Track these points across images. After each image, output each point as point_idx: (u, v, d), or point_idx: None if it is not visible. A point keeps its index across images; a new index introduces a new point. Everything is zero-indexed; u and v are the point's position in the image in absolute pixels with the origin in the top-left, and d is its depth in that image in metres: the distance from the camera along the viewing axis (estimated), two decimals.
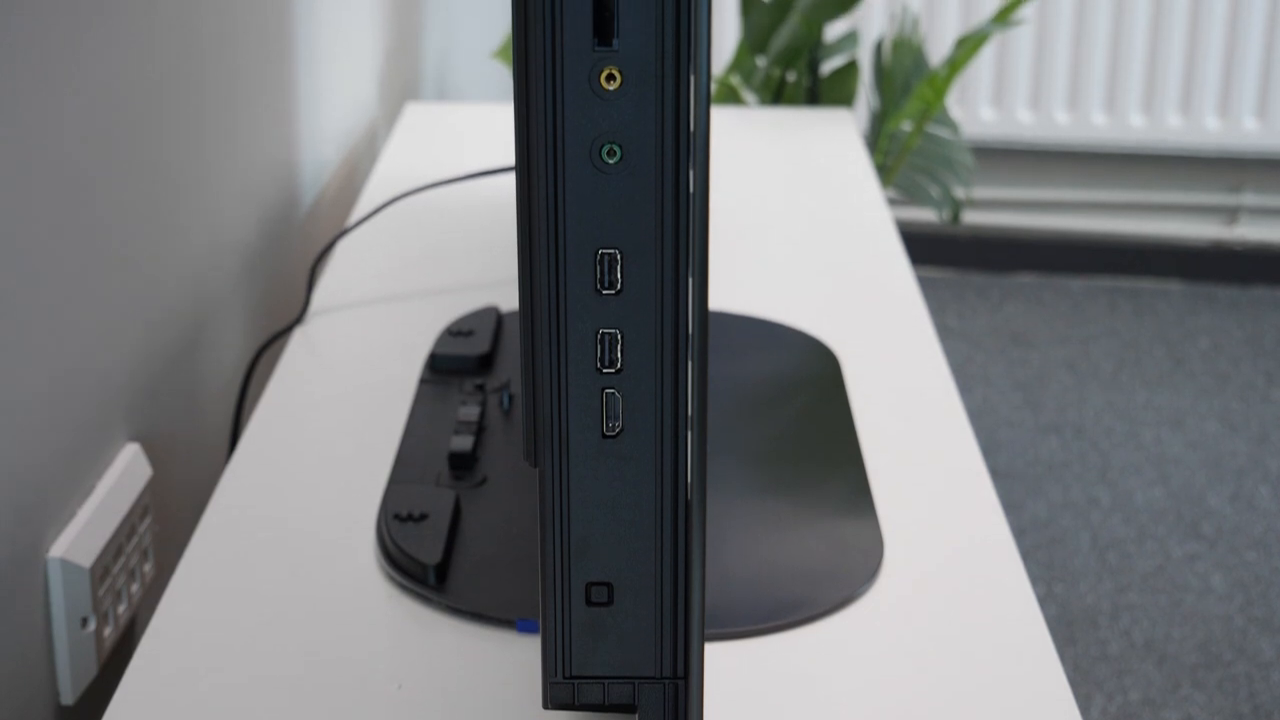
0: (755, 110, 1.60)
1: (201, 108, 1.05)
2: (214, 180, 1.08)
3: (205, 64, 1.05)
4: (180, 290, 1.02)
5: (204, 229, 1.07)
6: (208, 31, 1.05)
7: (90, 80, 0.85)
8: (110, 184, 0.89)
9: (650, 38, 0.50)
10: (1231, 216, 3.18)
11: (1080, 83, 3.04)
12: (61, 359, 0.83)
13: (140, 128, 0.93)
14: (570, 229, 0.52)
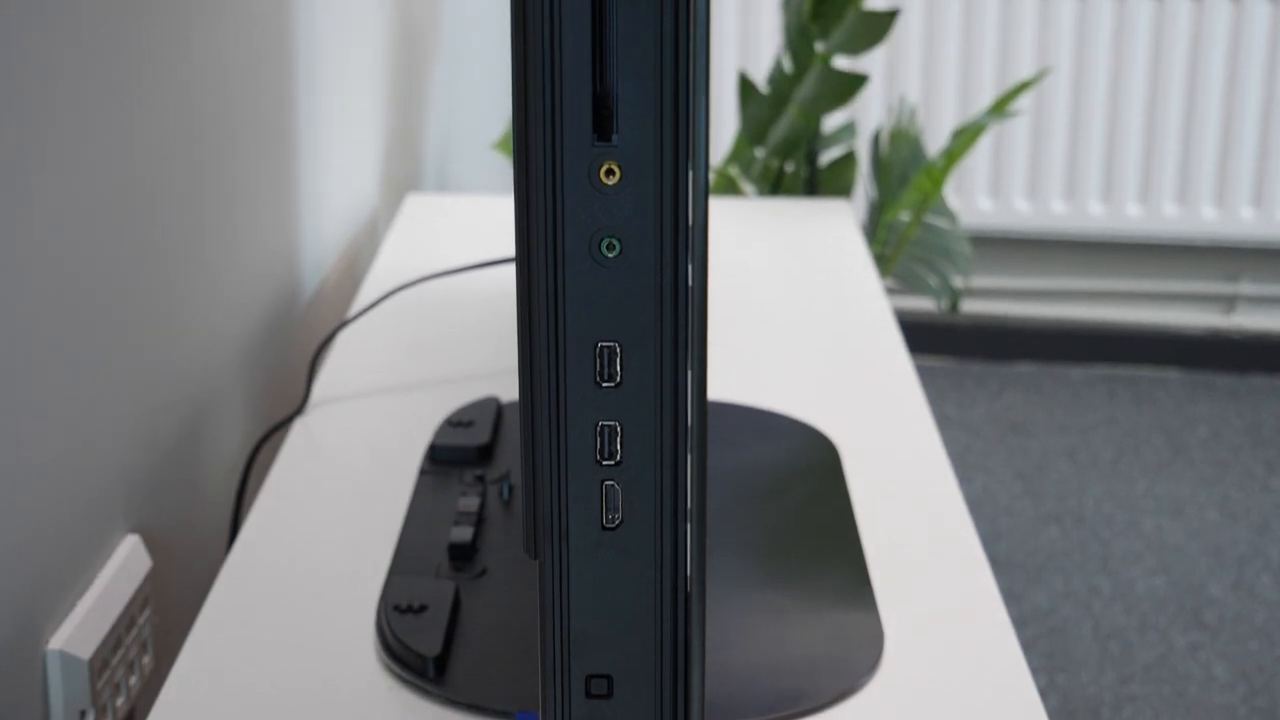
0: (754, 201, 1.61)
1: (202, 197, 1.06)
2: (215, 271, 1.09)
3: (206, 154, 1.06)
4: (180, 381, 1.02)
5: (204, 319, 1.07)
6: (209, 121, 1.06)
7: (91, 169, 0.86)
8: (110, 274, 0.89)
9: (649, 133, 0.50)
10: (1229, 305, 3.19)
11: (1077, 173, 3.06)
12: (61, 450, 0.83)
13: (141, 218, 0.94)
14: (570, 322, 0.52)
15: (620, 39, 0.50)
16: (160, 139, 0.96)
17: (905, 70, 3.04)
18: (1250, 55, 2.99)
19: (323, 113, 1.38)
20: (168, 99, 0.97)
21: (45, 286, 0.80)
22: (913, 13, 3.02)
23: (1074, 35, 3.02)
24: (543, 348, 0.52)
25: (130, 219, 0.92)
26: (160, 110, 0.96)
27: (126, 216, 0.91)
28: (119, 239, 0.90)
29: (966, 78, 3.04)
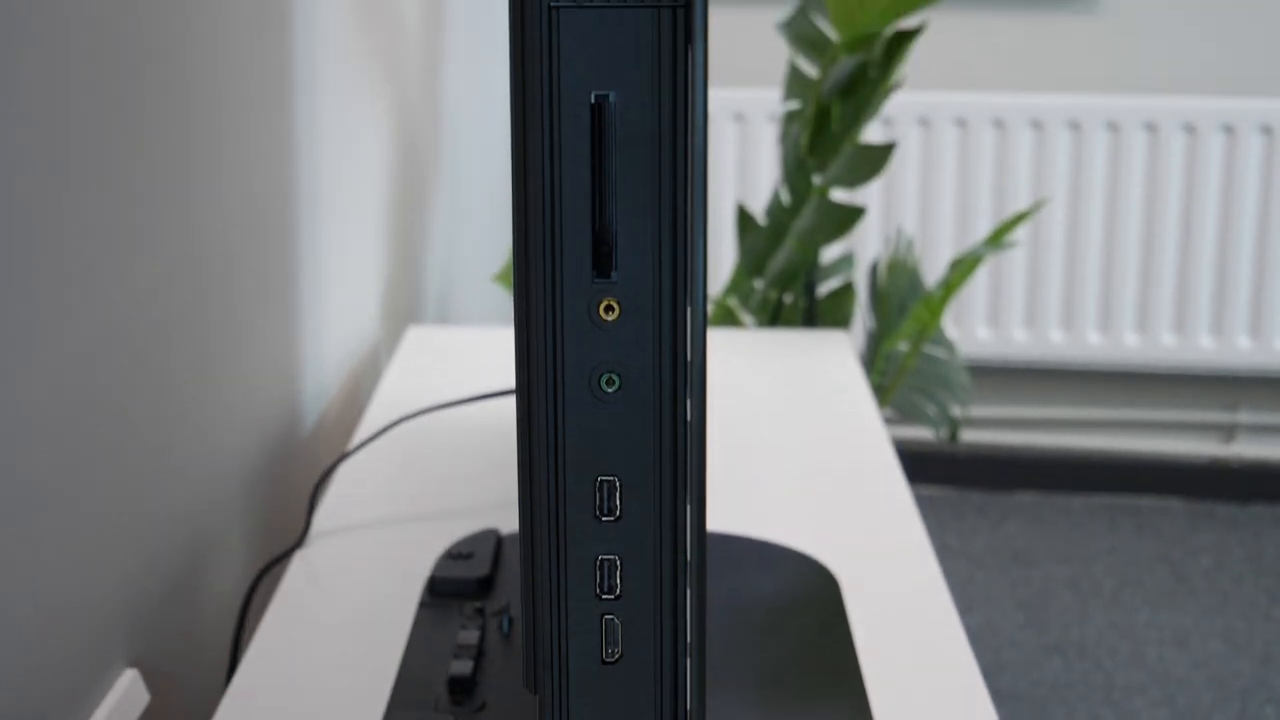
0: (753, 332, 1.62)
1: (204, 328, 1.06)
2: (215, 402, 1.10)
3: (208, 285, 1.07)
4: (180, 513, 1.02)
5: (205, 451, 1.07)
6: (211, 252, 1.07)
7: (92, 301, 0.87)
8: (111, 405, 0.90)
9: (648, 271, 0.51)
10: (1228, 434, 3.20)
11: (1074, 303, 3.08)
12: (59, 582, 0.83)
13: (142, 349, 0.94)
14: (570, 456, 0.52)
15: (619, 177, 0.51)
16: (162, 270, 0.97)
17: (902, 202, 3.07)
18: (1244, 185, 3.02)
19: (324, 244, 1.40)
20: (170, 230, 0.98)
21: (47, 419, 0.80)
22: (909, 145, 3.05)
23: (1069, 167, 3.05)
24: (543, 481, 0.53)
25: (132, 350, 0.92)
26: (162, 241, 0.97)
27: (128, 348, 0.92)
28: (120, 371, 0.91)
29: (963, 209, 3.07)
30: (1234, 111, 3.00)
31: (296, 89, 1.28)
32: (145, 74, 0.93)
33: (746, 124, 3.08)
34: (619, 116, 0.50)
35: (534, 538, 0.53)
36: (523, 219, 0.52)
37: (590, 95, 0.51)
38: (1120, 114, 3.02)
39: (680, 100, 0.51)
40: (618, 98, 0.51)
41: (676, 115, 0.51)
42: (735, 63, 3.09)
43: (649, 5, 0.51)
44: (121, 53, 0.89)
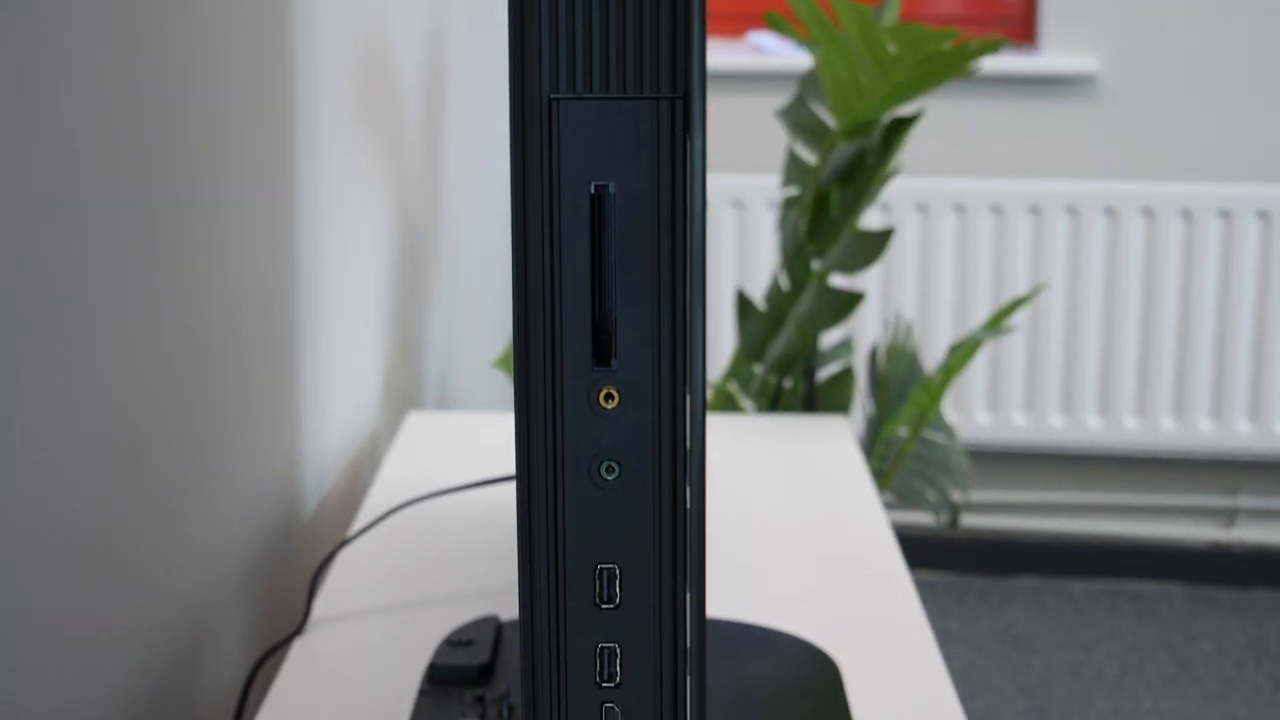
0: (753, 418, 1.62)
1: (204, 413, 1.07)
2: (215, 488, 1.10)
3: (208, 369, 1.07)
4: (179, 599, 1.02)
5: (204, 536, 1.07)
6: (212, 337, 1.08)
7: (92, 386, 0.87)
8: (110, 490, 0.90)
9: (647, 359, 0.51)
10: (1229, 519, 3.19)
11: (1074, 387, 3.09)
12: (59, 670, 0.83)
13: (142, 434, 0.95)
14: (570, 544, 0.53)
15: (619, 266, 0.51)
16: (161, 355, 0.98)
17: (901, 287, 3.08)
18: (1242, 270, 3.03)
19: (325, 329, 1.40)
20: (172, 315, 0.99)
21: (45, 504, 0.81)
22: (908, 231, 3.07)
23: (1067, 252, 3.06)
24: (543, 568, 0.53)
25: (131, 435, 0.93)
26: (164, 327, 0.98)
27: (127, 432, 0.92)
28: (119, 455, 0.91)
29: (962, 294, 3.08)
30: (1231, 197, 3.02)
31: (298, 174, 1.29)
32: (148, 162, 0.93)
33: (746, 210, 3.09)
34: (618, 207, 0.51)
35: (534, 625, 0.53)
36: (523, 307, 0.52)
37: (590, 185, 0.51)
38: (1118, 199, 3.04)
39: (679, 191, 0.51)
40: (617, 188, 0.51)
41: (675, 205, 0.51)
42: (735, 149, 3.11)
43: (648, 97, 0.51)
44: (125, 139, 0.90)
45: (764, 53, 3.11)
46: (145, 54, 0.92)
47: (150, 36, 0.93)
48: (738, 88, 3.10)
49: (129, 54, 0.90)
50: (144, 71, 0.92)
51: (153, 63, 0.94)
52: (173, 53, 0.97)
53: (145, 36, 0.92)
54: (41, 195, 0.78)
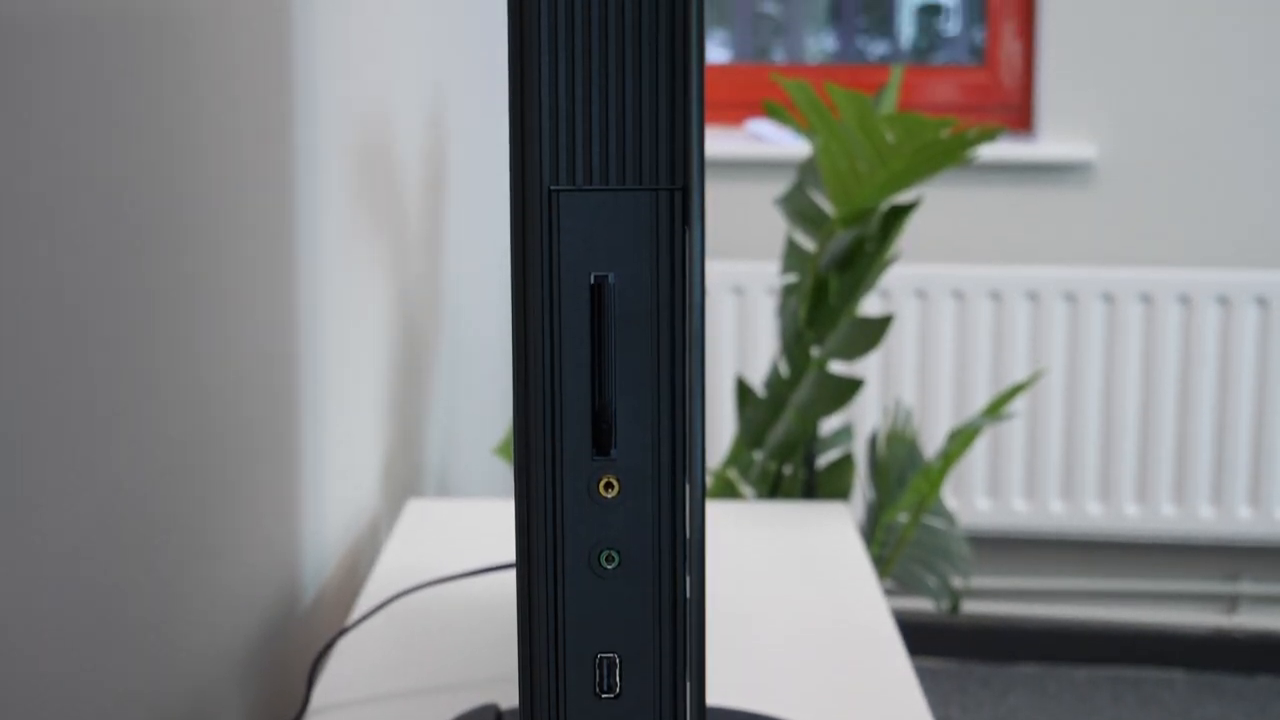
0: (753, 504, 1.62)
1: (203, 499, 1.07)
2: (214, 574, 1.10)
3: (209, 457, 1.08)
4: (177, 689, 1.02)
5: (203, 623, 1.07)
6: (212, 423, 1.08)
7: (93, 477, 0.87)
8: (108, 577, 0.90)
9: (647, 449, 0.52)
10: (1231, 605, 3.18)
11: (1074, 473, 3.08)
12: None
13: (141, 520, 0.95)
14: (570, 633, 0.53)
15: (618, 356, 0.52)
16: (160, 440, 0.98)
17: (900, 373, 3.09)
18: (1241, 355, 3.04)
19: (325, 416, 1.40)
20: (171, 401, 0.99)
21: (44, 585, 0.80)
22: (907, 317, 3.08)
23: (1066, 337, 3.07)
24: (543, 657, 0.53)
25: (130, 520, 0.93)
26: (162, 411, 0.98)
27: (126, 517, 0.92)
28: (118, 540, 0.91)
29: (961, 380, 3.08)
30: (1229, 283, 3.03)
31: (298, 259, 1.30)
32: (148, 247, 0.94)
33: (745, 297, 3.11)
34: (618, 297, 0.51)
35: (534, 714, 0.53)
36: (523, 396, 0.53)
37: (590, 276, 0.52)
38: (1116, 286, 3.05)
39: (678, 281, 0.52)
40: (617, 279, 0.52)
41: (675, 296, 0.52)
42: (734, 236, 3.13)
43: (647, 188, 0.52)
44: (125, 222, 0.90)
45: (763, 141, 3.14)
46: (146, 136, 0.93)
47: (151, 118, 0.94)
48: (737, 175, 3.12)
49: (129, 136, 0.91)
50: (145, 154, 0.93)
51: (154, 145, 0.94)
52: (174, 135, 0.98)
53: (145, 117, 0.93)
54: (41, 280, 0.79)
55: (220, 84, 1.07)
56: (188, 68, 1.00)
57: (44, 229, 0.78)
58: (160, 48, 0.95)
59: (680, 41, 0.52)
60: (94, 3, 0.83)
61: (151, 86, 0.93)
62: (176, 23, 0.97)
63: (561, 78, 0.53)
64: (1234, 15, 3.05)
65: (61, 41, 0.80)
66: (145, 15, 0.91)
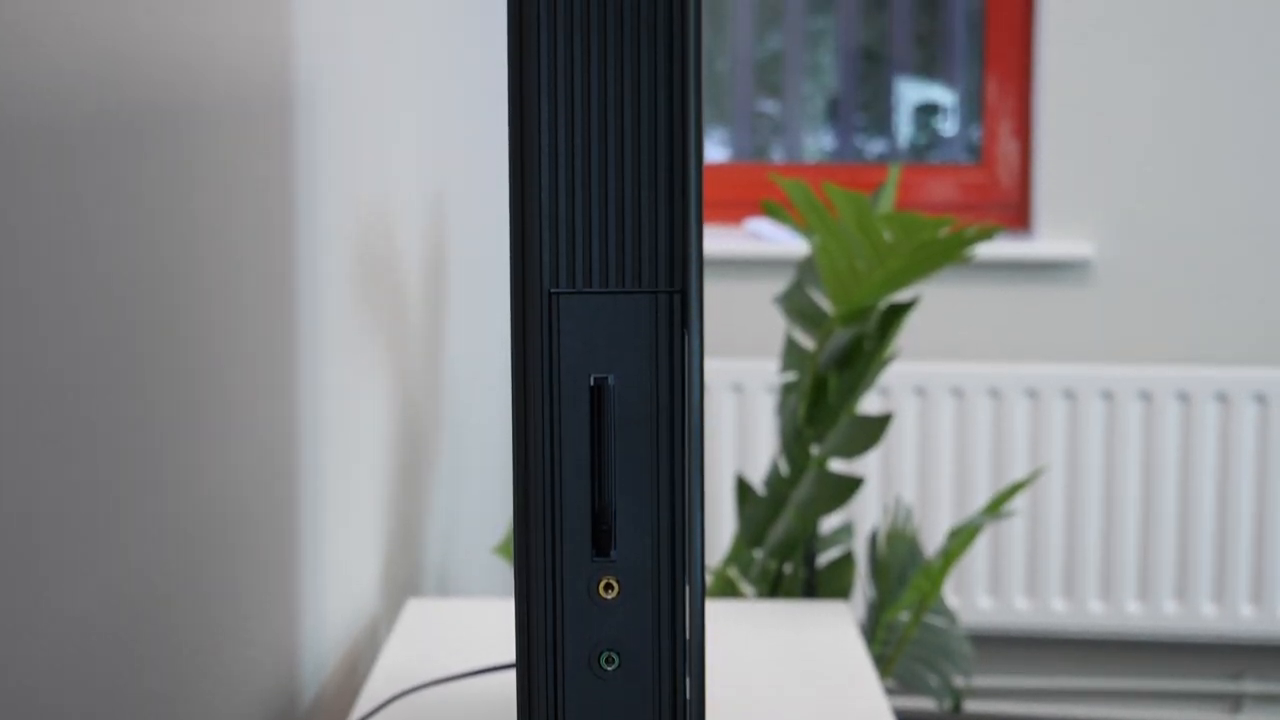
0: (753, 603, 1.62)
1: (203, 598, 1.06)
2: (214, 674, 1.09)
3: (209, 554, 1.07)
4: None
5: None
6: (212, 521, 1.08)
7: (93, 569, 0.87)
8: (107, 678, 0.89)
9: (647, 549, 0.52)
10: (1235, 704, 3.16)
11: (1075, 571, 3.08)
12: None
13: (140, 620, 0.94)
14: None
15: (618, 458, 0.52)
16: (161, 540, 0.98)
17: (900, 471, 3.09)
18: (1240, 452, 3.04)
19: (325, 514, 1.40)
20: (171, 500, 0.99)
21: (46, 678, 0.80)
22: (906, 415, 3.08)
23: (1066, 435, 3.07)
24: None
25: (130, 620, 0.92)
26: (163, 511, 0.98)
27: (126, 617, 0.92)
28: (118, 639, 0.91)
29: (961, 478, 3.08)
30: (1228, 380, 3.04)
31: (300, 358, 1.30)
32: (149, 342, 0.95)
33: (745, 394, 3.11)
34: (618, 398, 0.52)
35: None
36: (524, 497, 0.53)
37: (589, 378, 0.52)
38: (1115, 383, 3.06)
39: (677, 383, 0.52)
40: (616, 380, 0.52)
41: (674, 397, 0.52)
42: (733, 334, 3.13)
43: (646, 291, 0.52)
44: (128, 314, 0.91)
45: (762, 239, 3.15)
46: (148, 234, 0.94)
47: (153, 216, 0.95)
48: (736, 274, 3.14)
49: (133, 232, 0.91)
50: (147, 250, 0.94)
51: (156, 243, 0.95)
52: (176, 232, 0.99)
53: (148, 216, 0.94)
54: (49, 376, 0.79)
55: (223, 184, 1.08)
56: (191, 165, 1.01)
57: (44, 325, 0.79)
58: (164, 145, 0.96)
59: (679, 146, 0.53)
60: (101, 98, 0.84)
61: (155, 184, 0.94)
62: (181, 120, 0.98)
63: (561, 181, 0.54)
64: (1230, 114, 3.07)
65: (68, 138, 0.81)
66: (150, 112, 0.92)
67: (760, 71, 3.37)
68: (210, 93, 1.04)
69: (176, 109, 0.97)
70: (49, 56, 0.78)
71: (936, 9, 3.32)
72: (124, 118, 0.88)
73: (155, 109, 0.93)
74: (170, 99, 0.96)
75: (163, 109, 0.95)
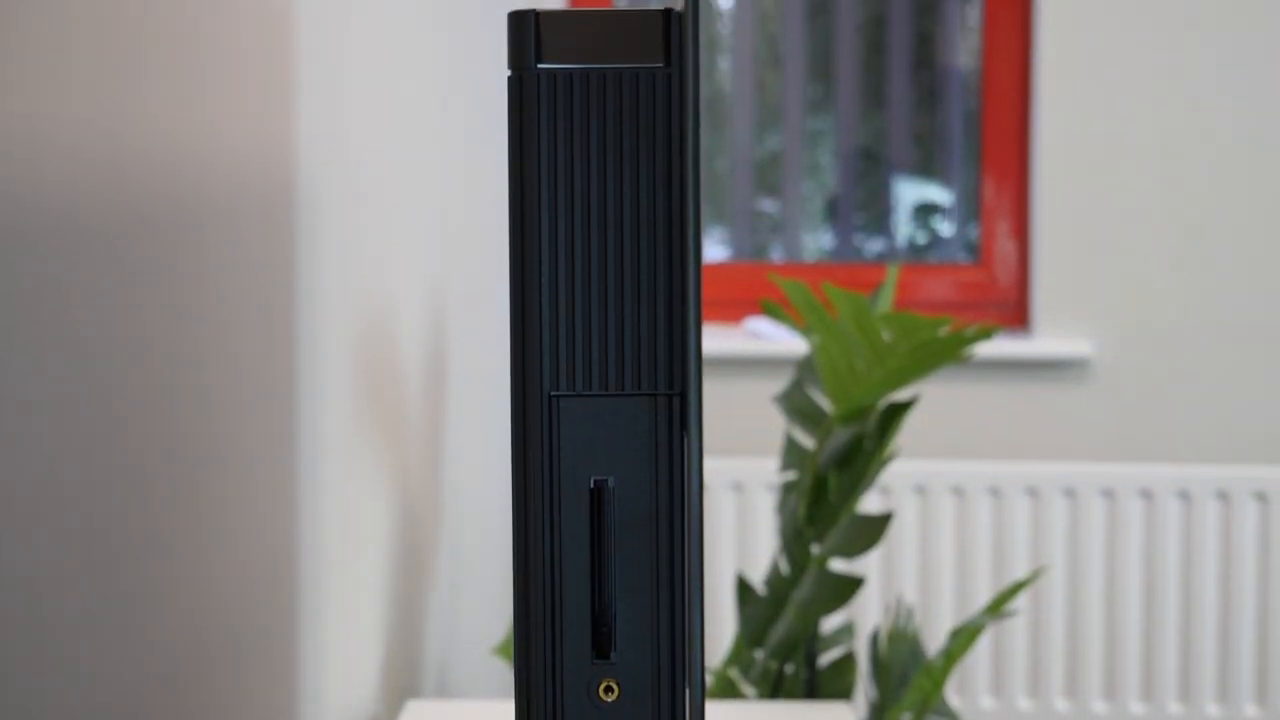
0: (754, 704, 1.61)
1: (203, 702, 1.06)
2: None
3: (209, 656, 1.07)
4: None
5: None
6: (212, 622, 1.08)
7: (96, 672, 0.87)
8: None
9: (647, 652, 0.52)
10: None
11: (1077, 671, 3.06)
12: None
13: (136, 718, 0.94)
14: None
15: (618, 560, 0.52)
16: (160, 639, 0.98)
17: (901, 571, 3.08)
18: (1242, 551, 3.03)
19: (325, 616, 1.40)
20: (171, 600, 0.99)
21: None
22: (906, 514, 3.07)
23: (1067, 533, 3.07)
24: None
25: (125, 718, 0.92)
26: (162, 611, 0.98)
27: (127, 717, 0.91)
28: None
29: (962, 577, 3.07)
30: (1228, 479, 3.03)
31: (300, 459, 1.30)
32: (150, 444, 0.95)
33: (745, 493, 3.11)
34: (617, 501, 0.52)
35: None
36: (524, 600, 0.53)
37: (589, 480, 0.52)
38: (1115, 481, 3.05)
39: (677, 484, 0.52)
40: (616, 482, 0.52)
41: (674, 499, 0.52)
42: (733, 433, 3.14)
43: (645, 394, 0.53)
44: (130, 417, 0.91)
45: (761, 339, 3.16)
46: (150, 334, 0.94)
47: (157, 315, 0.95)
48: (735, 373, 3.14)
49: (133, 334, 0.92)
50: (149, 352, 0.94)
51: (158, 343, 0.96)
52: (180, 331, 0.99)
53: (151, 315, 0.94)
54: (47, 483, 0.79)
55: (225, 284, 1.08)
56: (194, 266, 1.01)
57: (52, 427, 0.79)
58: (165, 248, 0.96)
59: (678, 249, 0.54)
60: (103, 200, 0.85)
61: (156, 287, 0.95)
62: (184, 222, 0.99)
63: (561, 284, 0.54)
64: (1227, 212, 3.09)
65: (68, 239, 0.81)
66: (151, 214, 0.93)
67: (760, 171, 3.39)
68: (212, 194, 1.05)
69: (178, 211, 0.98)
70: (50, 158, 0.79)
71: (933, 109, 3.35)
72: (124, 221, 0.89)
73: (156, 212, 0.94)
74: (172, 202, 0.97)
75: (164, 212, 0.96)
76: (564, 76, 0.57)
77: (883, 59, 3.34)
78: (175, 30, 0.96)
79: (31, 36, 0.76)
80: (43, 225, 0.78)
